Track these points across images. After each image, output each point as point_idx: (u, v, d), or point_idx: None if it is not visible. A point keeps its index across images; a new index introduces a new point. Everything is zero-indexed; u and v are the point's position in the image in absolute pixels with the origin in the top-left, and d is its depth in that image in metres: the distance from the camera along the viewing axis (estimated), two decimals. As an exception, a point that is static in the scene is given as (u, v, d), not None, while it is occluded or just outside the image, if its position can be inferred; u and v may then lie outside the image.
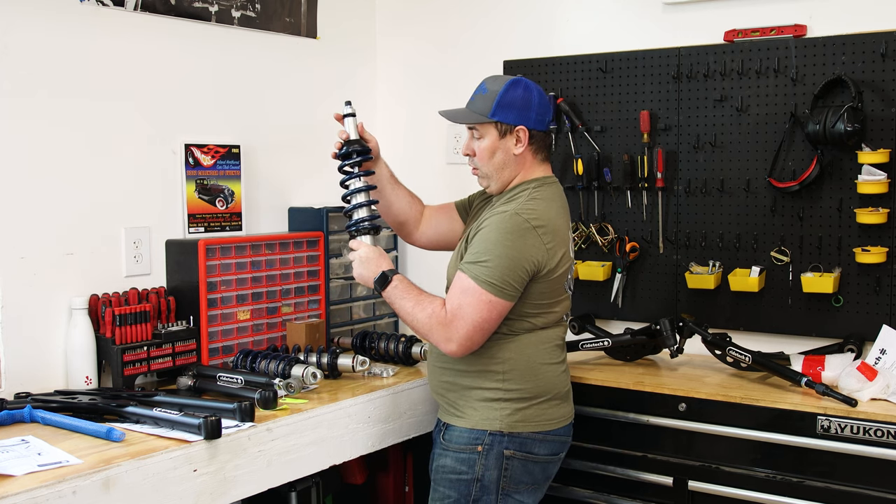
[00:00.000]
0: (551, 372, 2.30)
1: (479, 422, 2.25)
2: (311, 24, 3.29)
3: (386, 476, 3.08)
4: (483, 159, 2.32)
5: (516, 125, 2.27)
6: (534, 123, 2.29)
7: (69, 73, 2.52)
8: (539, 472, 2.31)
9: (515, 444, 2.25)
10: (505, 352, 2.25)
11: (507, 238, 2.17)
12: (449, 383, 2.32)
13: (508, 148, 2.29)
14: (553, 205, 2.29)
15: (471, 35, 3.40)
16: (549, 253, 2.20)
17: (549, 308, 2.29)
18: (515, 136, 2.28)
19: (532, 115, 2.28)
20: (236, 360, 2.61)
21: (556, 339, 2.34)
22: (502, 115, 2.27)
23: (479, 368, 2.26)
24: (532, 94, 2.29)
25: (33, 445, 1.95)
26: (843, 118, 2.57)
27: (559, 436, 2.33)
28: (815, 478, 2.32)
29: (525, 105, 2.27)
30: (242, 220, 2.99)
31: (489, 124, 2.29)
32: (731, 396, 2.44)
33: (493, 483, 2.24)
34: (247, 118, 3.04)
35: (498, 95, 2.26)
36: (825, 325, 2.74)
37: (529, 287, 2.21)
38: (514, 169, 2.31)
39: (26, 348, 2.42)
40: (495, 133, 2.29)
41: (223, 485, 2.05)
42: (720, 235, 2.90)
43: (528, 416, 2.26)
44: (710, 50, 2.88)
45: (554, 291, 2.28)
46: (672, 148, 2.97)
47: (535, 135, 2.30)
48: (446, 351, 2.20)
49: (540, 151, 2.34)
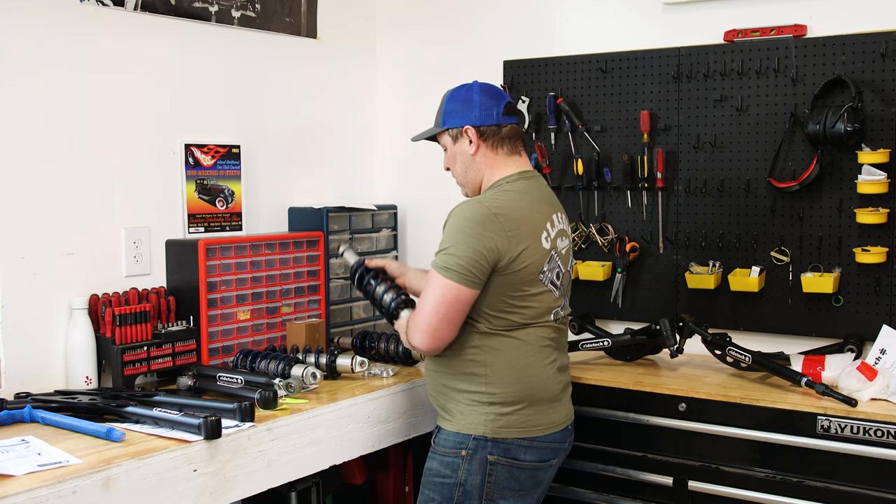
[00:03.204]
0: (537, 375, 2.25)
1: (464, 425, 2.23)
2: (311, 24, 3.29)
3: (386, 476, 3.08)
4: (452, 168, 2.39)
5: (462, 126, 2.31)
6: (478, 120, 2.29)
7: (69, 73, 2.52)
8: (527, 479, 2.26)
9: (500, 450, 2.21)
10: (486, 354, 2.22)
11: (465, 224, 2.17)
12: (442, 386, 2.31)
13: (464, 151, 2.32)
14: (526, 196, 2.26)
15: (471, 35, 3.40)
16: (510, 241, 2.16)
17: (524, 302, 2.22)
18: (466, 137, 2.31)
19: (475, 111, 2.30)
20: (236, 360, 2.61)
21: (541, 339, 2.27)
22: (449, 121, 2.33)
23: (464, 370, 2.24)
24: (473, 93, 2.31)
25: (33, 445, 1.95)
26: (843, 118, 2.57)
27: (548, 442, 2.27)
28: (815, 478, 2.32)
29: (466, 105, 2.31)
30: (242, 220, 2.99)
31: (442, 134, 2.36)
32: (731, 396, 2.44)
33: (475, 488, 2.21)
34: (247, 118, 3.04)
35: (444, 105, 2.35)
36: (825, 325, 2.74)
37: (494, 279, 2.17)
38: (478, 170, 2.32)
39: (26, 348, 2.42)
40: (450, 140, 2.35)
41: (223, 485, 2.05)
42: (720, 235, 2.90)
43: (513, 421, 2.21)
44: (710, 50, 2.88)
45: (525, 283, 2.20)
46: (672, 148, 2.97)
47: (485, 130, 2.29)
48: (417, 344, 2.21)
49: (501, 145, 2.31)
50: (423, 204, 3.47)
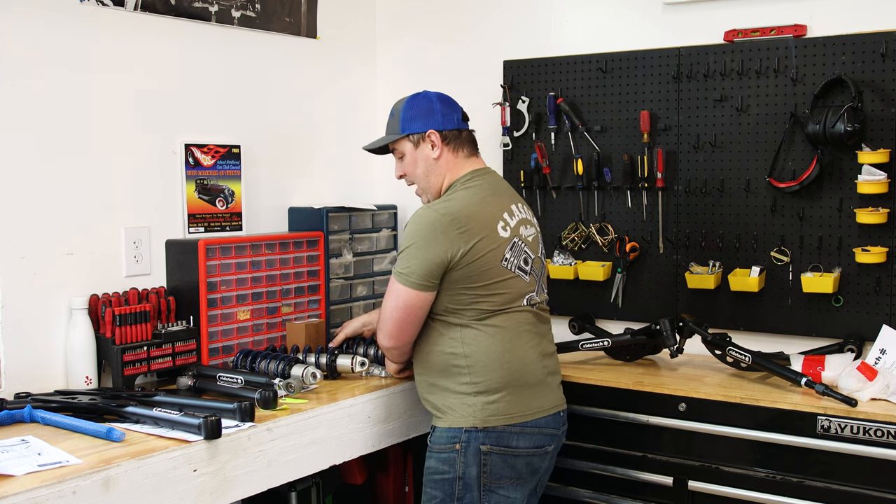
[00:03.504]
0: (519, 360, 2.30)
1: (455, 420, 2.28)
2: (311, 24, 3.29)
3: (386, 476, 3.08)
4: (411, 174, 2.45)
5: (425, 131, 2.38)
6: (441, 124, 2.39)
7: (69, 73, 2.51)
8: (522, 466, 2.31)
9: (491, 439, 2.26)
10: (464, 345, 2.28)
11: (418, 231, 2.27)
12: (429, 385, 2.36)
13: (427, 155, 2.40)
14: (479, 192, 2.35)
15: (471, 35, 3.40)
16: (461, 238, 2.23)
17: (491, 290, 2.28)
18: (429, 141, 2.39)
19: (437, 118, 2.39)
20: (236, 360, 2.61)
21: (519, 324, 2.32)
22: (410, 127, 2.40)
23: (446, 365, 2.30)
24: (431, 101, 2.41)
25: (33, 445, 1.94)
26: (843, 118, 2.57)
27: (540, 427, 2.31)
28: (815, 478, 2.32)
29: (427, 111, 2.40)
30: (242, 220, 2.99)
31: (402, 140, 2.43)
32: (731, 396, 2.44)
33: (473, 480, 2.26)
34: (247, 118, 3.04)
35: (401, 112, 2.42)
36: (825, 325, 2.74)
37: (449, 275, 2.26)
38: (439, 174, 2.41)
39: (26, 348, 2.42)
40: (410, 146, 2.42)
41: (223, 485, 2.05)
42: (720, 235, 2.90)
43: (500, 409, 2.27)
44: (710, 50, 2.88)
45: (484, 274, 2.26)
46: (672, 148, 2.97)
47: (448, 134, 2.40)
48: (382, 344, 2.39)
49: (461, 148, 2.42)
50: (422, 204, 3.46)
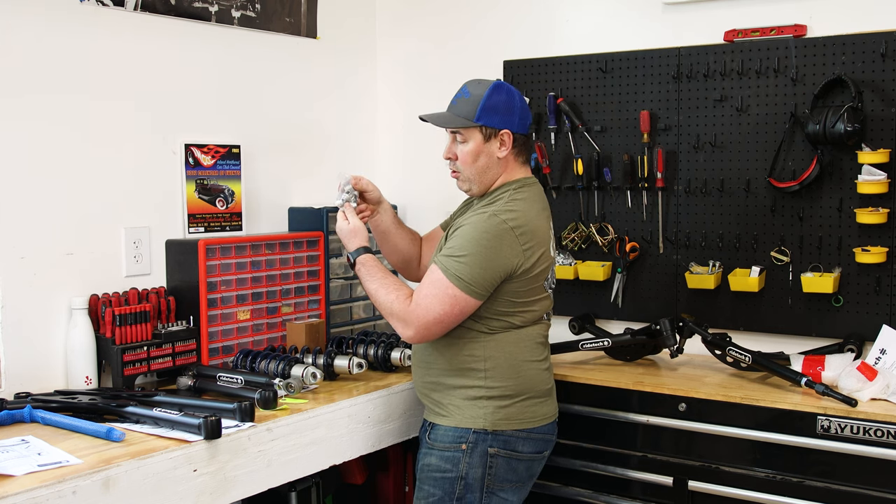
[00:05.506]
0: (533, 369, 2.32)
1: (463, 420, 2.27)
2: (311, 24, 3.29)
3: (386, 476, 3.08)
4: (466, 163, 2.32)
5: (501, 129, 2.29)
6: (517, 127, 2.32)
7: (69, 73, 2.51)
8: (523, 470, 2.32)
9: (499, 443, 2.26)
10: (485, 349, 2.27)
11: (483, 237, 2.19)
12: (433, 383, 2.34)
13: (492, 151, 2.31)
14: (534, 205, 2.31)
15: (471, 35, 3.40)
16: (525, 254, 2.22)
17: (525, 307, 2.29)
18: (500, 139, 2.30)
19: (515, 118, 2.31)
20: (236, 360, 2.61)
21: (537, 336, 2.35)
22: (487, 118, 2.28)
23: (461, 366, 2.28)
24: (514, 99, 2.32)
25: (33, 445, 1.94)
26: (843, 118, 2.57)
27: (543, 434, 2.34)
28: (815, 478, 2.32)
29: (508, 109, 2.30)
30: (242, 220, 2.99)
31: (474, 128, 2.30)
32: (731, 396, 2.44)
33: (477, 481, 2.26)
34: (247, 118, 3.04)
35: (482, 100, 2.28)
36: (825, 325, 2.74)
37: (503, 286, 2.23)
38: (496, 172, 2.33)
39: (26, 348, 2.42)
40: (480, 137, 2.30)
41: (223, 485, 2.05)
42: (720, 235, 2.90)
43: (512, 413, 2.27)
44: (710, 50, 2.88)
45: (531, 291, 2.28)
46: (672, 148, 2.96)
47: (518, 138, 2.33)
48: (403, 336, 2.26)
49: (521, 154, 2.37)
50: (424, 204, 3.47)
